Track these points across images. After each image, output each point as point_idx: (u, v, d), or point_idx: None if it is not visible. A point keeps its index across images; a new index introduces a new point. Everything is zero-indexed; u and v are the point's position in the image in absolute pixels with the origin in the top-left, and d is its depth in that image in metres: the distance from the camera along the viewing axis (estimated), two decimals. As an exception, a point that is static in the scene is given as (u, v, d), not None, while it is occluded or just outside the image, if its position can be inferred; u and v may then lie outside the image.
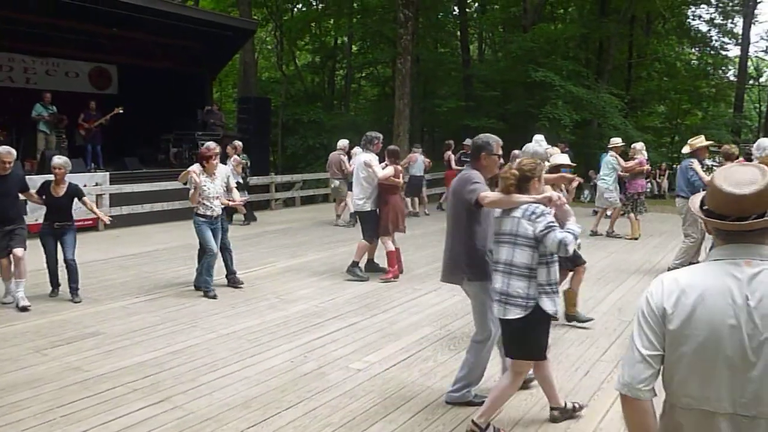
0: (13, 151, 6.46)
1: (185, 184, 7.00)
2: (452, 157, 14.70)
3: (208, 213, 6.86)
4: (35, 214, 11.04)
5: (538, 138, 8.29)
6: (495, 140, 4.09)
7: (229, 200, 7.16)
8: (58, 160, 6.69)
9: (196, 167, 6.91)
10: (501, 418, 3.88)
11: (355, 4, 25.54)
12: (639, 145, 11.15)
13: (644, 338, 1.75)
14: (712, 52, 25.75)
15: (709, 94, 25.24)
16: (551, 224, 3.47)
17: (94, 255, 8.82)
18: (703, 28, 25.77)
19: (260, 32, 25.80)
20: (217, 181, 6.94)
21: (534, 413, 4.01)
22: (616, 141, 11.22)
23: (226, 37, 16.59)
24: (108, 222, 7.40)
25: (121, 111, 13.76)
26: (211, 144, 7.04)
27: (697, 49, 27.15)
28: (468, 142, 14.97)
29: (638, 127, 21.64)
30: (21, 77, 15.01)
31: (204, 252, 7.00)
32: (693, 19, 25.82)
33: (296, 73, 27.86)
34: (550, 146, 7.66)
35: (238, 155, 12.28)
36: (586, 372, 4.74)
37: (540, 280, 3.51)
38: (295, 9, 28.33)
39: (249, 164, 12.86)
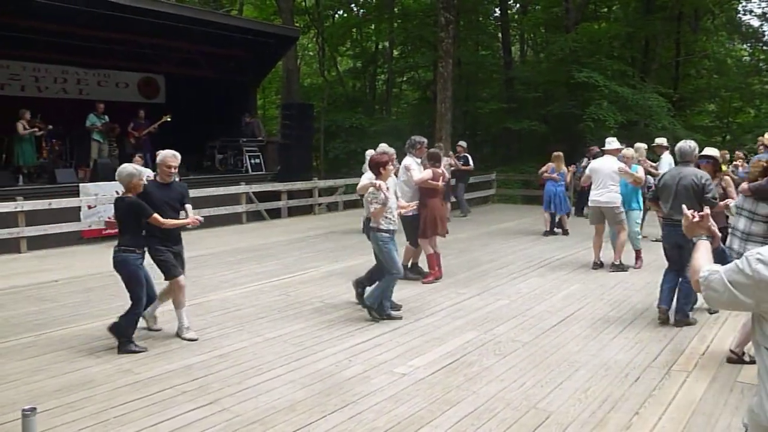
0: (178, 155, 5.52)
1: (362, 197, 6.34)
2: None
3: (391, 227, 6.17)
4: (89, 219, 11.40)
5: (610, 140, 8.65)
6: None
7: (401, 208, 6.54)
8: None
9: (370, 177, 6.15)
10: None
11: (395, 9, 25.59)
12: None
13: None
14: (764, 47, 24.91)
15: (762, 91, 24.36)
16: None
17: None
18: (755, 23, 24.98)
19: (302, 39, 26.09)
20: (392, 189, 6.30)
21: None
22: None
23: (270, 45, 16.91)
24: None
25: (168, 119, 14.15)
26: (385, 145, 6.34)
27: (748, 45, 26.30)
28: (463, 143, 14.94)
29: (687, 126, 21.02)
30: (74, 88, 15.59)
31: (384, 272, 6.22)
32: (744, 14, 25.03)
33: (338, 79, 28.07)
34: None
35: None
36: (636, 378, 4.63)
37: None
38: (337, 15, 28.58)
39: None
